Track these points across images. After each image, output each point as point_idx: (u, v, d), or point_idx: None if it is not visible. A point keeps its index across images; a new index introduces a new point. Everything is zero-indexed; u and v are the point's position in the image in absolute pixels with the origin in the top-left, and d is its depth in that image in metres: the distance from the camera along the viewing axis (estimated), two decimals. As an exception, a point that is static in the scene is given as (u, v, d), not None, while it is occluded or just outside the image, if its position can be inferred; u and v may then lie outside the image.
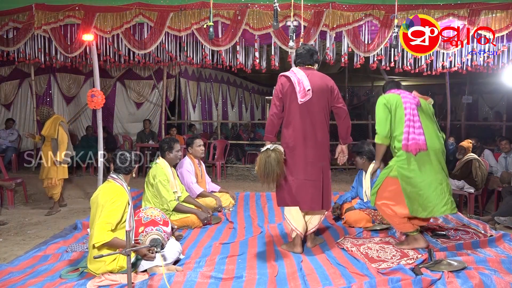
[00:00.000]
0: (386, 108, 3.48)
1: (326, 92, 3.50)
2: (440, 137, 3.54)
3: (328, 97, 3.51)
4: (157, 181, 4.32)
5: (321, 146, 3.52)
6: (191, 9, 5.62)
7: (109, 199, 2.94)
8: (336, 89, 3.56)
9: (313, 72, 3.57)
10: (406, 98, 3.50)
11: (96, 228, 2.87)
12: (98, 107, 5.61)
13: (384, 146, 3.53)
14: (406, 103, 3.46)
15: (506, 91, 12.81)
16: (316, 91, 3.47)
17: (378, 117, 3.52)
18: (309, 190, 3.49)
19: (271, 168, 3.34)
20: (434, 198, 3.35)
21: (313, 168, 3.49)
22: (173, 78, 10.02)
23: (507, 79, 7.95)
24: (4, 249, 4.00)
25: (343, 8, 5.57)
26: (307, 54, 3.61)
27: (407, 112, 3.42)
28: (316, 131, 3.48)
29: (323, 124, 3.52)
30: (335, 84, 3.58)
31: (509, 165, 5.96)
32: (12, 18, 5.89)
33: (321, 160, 3.52)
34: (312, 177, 3.49)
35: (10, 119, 8.83)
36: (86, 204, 5.66)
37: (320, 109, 3.49)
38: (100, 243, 2.85)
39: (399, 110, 3.45)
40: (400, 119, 3.44)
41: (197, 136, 6.33)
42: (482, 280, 2.71)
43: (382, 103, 3.52)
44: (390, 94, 3.58)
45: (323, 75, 3.59)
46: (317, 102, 3.47)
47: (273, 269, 3.16)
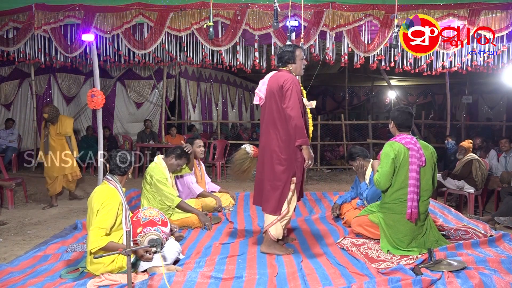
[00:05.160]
0: (394, 163, 3.41)
1: (277, 92, 3.39)
2: (432, 187, 3.56)
3: (277, 96, 3.39)
4: (154, 180, 4.31)
5: (268, 148, 3.48)
6: (191, 9, 5.62)
7: (101, 204, 2.96)
8: (288, 87, 3.33)
9: (277, 73, 3.52)
10: (413, 157, 3.40)
11: (91, 234, 2.89)
12: (98, 107, 5.61)
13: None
14: (412, 164, 3.38)
15: (506, 91, 12.82)
16: (268, 93, 3.48)
17: (384, 169, 3.42)
18: (256, 185, 3.69)
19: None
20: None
21: (261, 168, 3.60)
22: (173, 78, 10.02)
23: (507, 79, 7.97)
24: (4, 249, 4.00)
25: (343, 8, 5.57)
26: (277, 56, 3.63)
27: (412, 176, 3.38)
28: (268, 132, 3.48)
29: (272, 125, 3.44)
30: (289, 83, 3.34)
31: (509, 165, 5.96)
32: (12, 18, 5.89)
33: (267, 160, 3.49)
34: (259, 175, 3.64)
35: (10, 119, 8.83)
36: (86, 204, 5.65)
37: (270, 112, 3.47)
38: (96, 249, 2.86)
39: (403, 168, 3.41)
40: (403, 178, 3.42)
41: (197, 137, 6.34)
42: (482, 280, 2.70)
43: (391, 157, 3.40)
44: (399, 146, 3.43)
45: (281, 74, 3.45)
46: (268, 104, 3.48)
47: (273, 269, 3.15)
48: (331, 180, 8.27)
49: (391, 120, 3.61)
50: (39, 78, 9.34)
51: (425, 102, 17.85)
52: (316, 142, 9.52)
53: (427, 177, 3.50)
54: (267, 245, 3.55)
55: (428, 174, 3.51)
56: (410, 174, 3.39)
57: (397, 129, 3.58)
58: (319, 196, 5.96)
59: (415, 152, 3.41)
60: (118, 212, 3.02)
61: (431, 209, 4.67)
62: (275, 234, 3.52)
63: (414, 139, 3.50)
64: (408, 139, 3.47)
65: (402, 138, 3.49)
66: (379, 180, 3.46)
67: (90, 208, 3.05)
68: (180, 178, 4.92)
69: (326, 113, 19.29)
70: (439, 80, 11.07)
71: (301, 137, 3.31)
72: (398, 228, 3.49)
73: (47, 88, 9.63)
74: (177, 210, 4.39)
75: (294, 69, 3.54)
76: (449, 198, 6.07)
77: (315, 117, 11.84)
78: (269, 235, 3.52)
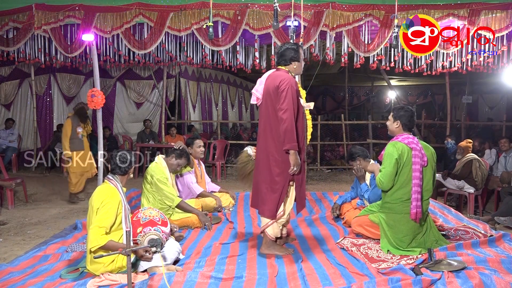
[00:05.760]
0: (397, 163, 3.40)
1: (273, 92, 3.34)
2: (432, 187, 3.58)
3: (274, 97, 3.34)
4: (155, 180, 4.32)
5: (264, 149, 3.44)
6: (191, 9, 5.61)
7: (101, 202, 2.97)
8: (283, 89, 3.26)
9: (275, 73, 3.46)
10: (416, 157, 3.40)
11: (91, 233, 2.90)
12: (98, 107, 5.61)
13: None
14: (415, 164, 3.38)
15: (506, 91, 12.82)
16: (265, 93, 3.44)
17: (388, 169, 3.41)
18: (253, 187, 3.66)
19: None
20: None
21: (257, 169, 3.57)
22: (173, 78, 10.02)
23: (507, 79, 7.96)
24: (4, 249, 4.00)
25: (343, 8, 5.56)
26: (278, 54, 3.52)
27: (416, 176, 3.38)
28: (265, 133, 3.44)
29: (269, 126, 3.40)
30: (285, 84, 3.27)
31: (509, 165, 5.96)
32: (12, 18, 5.88)
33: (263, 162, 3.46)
34: (256, 177, 3.60)
35: (10, 119, 8.84)
36: (86, 204, 5.63)
37: (266, 112, 3.42)
38: (95, 247, 2.87)
39: (406, 168, 3.41)
40: (405, 178, 3.42)
41: (198, 137, 6.34)
42: (482, 280, 2.70)
43: (394, 157, 3.39)
44: (402, 146, 3.43)
45: (279, 74, 3.38)
46: (265, 105, 3.45)
47: (273, 269, 3.16)
48: (331, 180, 8.27)
49: (397, 120, 3.57)
50: (39, 78, 9.34)
51: (425, 102, 17.89)
52: (316, 142, 9.52)
53: (427, 177, 3.51)
54: (267, 246, 3.55)
55: (429, 174, 3.52)
56: (414, 174, 3.39)
57: (402, 129, 3.58)
58: (319, 196, 5.96)
59: (417, 152, 3.42)
60: (118, 211, 3.03)
61: (431, 209, 4.67)
62: (273, 233, 3.52)
63: (416, 139, 3.50)
64: (411, 139, 3.47)
65: (404, 138, 3.48)
66: (382, 180, 3.45)
67: (90, 207, 3.06)
68: (180, 178, 4.93)
69: (326, 113, 19.29)
70: (439, 80, 11.05)
71: (290, 141, 3.23)
72: (399, 228, 3.49)
73: (47, 88, 9.63)
74: (177, 210, 4.39)
75: (296, 68, 3.47)
76: (449, 198, 6.08)
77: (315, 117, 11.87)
78: (267, 235, 3.52)
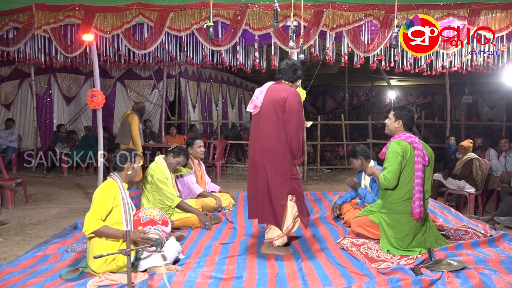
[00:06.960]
0: (401, 162, 3.40)
1: (278, 102, 3.33)
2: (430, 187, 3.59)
3: (278, 108, 3.33)
4: (155, 180, 4.32)
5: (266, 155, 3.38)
6: (191, 9, 5.61)
7: (99, 193, 3.09)
8: (293, 104, 3.31)
9: (279, 85, 3.47)
10: (419, 156, 3.41)
11: (86, 217, 2.98)
12: (98, 107, 5.61)
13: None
14: (418, 164, 3.39)
15: (506, 91, 12.82)
16: (266, 104, 3.40)
17: (393, 166, 3.39)
18: (251, 199, 3.58)
19: None
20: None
21: (255, 178, 3.47)
22: (173, 78, 10.02)
23: (507, 79, 7.96)
24: (4, 249, 4.00)
25: (343, 8, 5.56)
26: (289, 70, 3.52)
27: (418, 175, 3.39)
28: (263, 141, 3.39)
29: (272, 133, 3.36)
30: (293, 99, 3.33)
31: (509, 165, 5.96)
32: (12, 18, 5.88)
33: (265, 170, 3.39)
34: (252, 186, 3.52)
35: (10, 119, 8.84)
36: (86, 204, 5.67)
37: (268, 123, 3.38)
38: (89, 231, 2.92)
39: (408, 167, 3.41)
40: (406, 177, 3.42)
41: (198, 137, 6.33)
42: (482, 280, 2.70)
43: (399, 155, 3.38)
44: (406, 144, 3.42)
45: (285, 88, 3.43)
46: (267, 115, 3.39)
47: (273, 269, 3.16)
48: (331, 180, 8.27)
49: (399, 119, 3.56)
50: (39, 78, 9.35)
51: (425, 102, 17.89)
52: (316, 142, 9.52)
53: (428, 177, 3.51)
54: (267, 246, 3.55)
55: (429, 174, 3.52)
56: (416, 173, 3.39)
57: (402, 128, 3.57)
58: (319, 196, 5.96)
59: (420, 151, 3.42)
60: (115, 203, 3.09)
61: (431, 209, 4.68)
62: (281, 243, 3.54)
63: (417, 139, 3.50)
64: (413, 138, 3.48)
65: (407, 137, 3.48)
66: (388, 177, 3.40)
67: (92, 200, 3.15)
68: (180, 178, 4.93)
69: (326, 113, 19.29)
70: (439, 80, 11.06)
71: (299, 157, 3.41)
72: (399, 228, 3.49)
73: (47, 88, 9.63)
74: (177, 210, 4.39)
75: (299, 85, 3.61)
76: (449, 198, 6.08)
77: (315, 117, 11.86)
78: (274, 244, 3.52)
